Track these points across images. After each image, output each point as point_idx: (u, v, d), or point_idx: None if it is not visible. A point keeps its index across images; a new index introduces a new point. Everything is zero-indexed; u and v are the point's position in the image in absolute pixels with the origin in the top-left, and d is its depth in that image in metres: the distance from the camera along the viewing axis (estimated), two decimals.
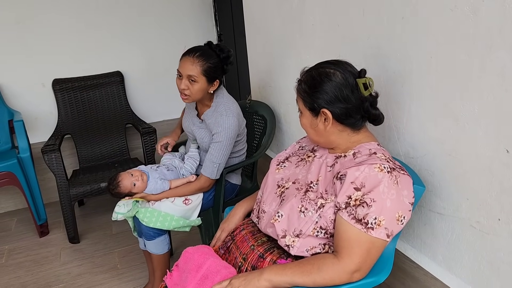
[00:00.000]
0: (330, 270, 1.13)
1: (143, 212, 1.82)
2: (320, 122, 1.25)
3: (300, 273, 1.15)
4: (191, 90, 1.84)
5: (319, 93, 1.22)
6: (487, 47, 1.07)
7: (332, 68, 1.23)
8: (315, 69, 1.27)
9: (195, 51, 1.83)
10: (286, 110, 2.33)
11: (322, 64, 1.28)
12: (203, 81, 1.84)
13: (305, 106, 1.27)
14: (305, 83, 1.26)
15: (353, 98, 1.21)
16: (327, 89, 1.21)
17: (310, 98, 1.24)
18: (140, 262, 2.36)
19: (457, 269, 1.34)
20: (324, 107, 1.22)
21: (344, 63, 1.26)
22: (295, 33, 2.04)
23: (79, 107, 3.00)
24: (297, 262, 1.19)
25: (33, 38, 2.93)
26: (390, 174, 1.13)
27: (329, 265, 1.14)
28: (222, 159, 1.89)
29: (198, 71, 1.81)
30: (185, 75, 1.82)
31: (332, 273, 1.13)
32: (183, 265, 1.36)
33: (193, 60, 1.81)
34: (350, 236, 1.12)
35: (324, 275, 1.13)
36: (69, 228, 2.60)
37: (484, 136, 1.14)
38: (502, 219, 1.15)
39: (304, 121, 1.31)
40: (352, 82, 1.21)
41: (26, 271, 2.39)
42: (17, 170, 2.57)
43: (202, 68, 1.81)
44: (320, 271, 1.14)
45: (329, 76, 1.21)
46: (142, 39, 3.23)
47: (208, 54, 1.84)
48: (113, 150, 3.03)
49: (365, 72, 1.24)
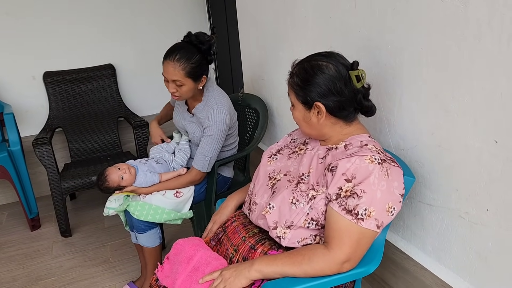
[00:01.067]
0: (320, 260, 1.14)
1: (134, 206, 1.81)
2: (313, 116, 1.25)
3: (291, 263, 1.15)
4: (180, 92, 1.82)
5: (312, 86, 1.21)
6: (476, 38, 1.08)
7: (324, 60, 1.22)
8: (307, 61, 1.26)
9: (174, 53, 1.76)
10: (278, 103, 2.33)
11: (314, 56, 1.27)
12: (189, 82, 1.80)
13: (297, 99, 1.26)
14: (297, 76, 1.25)
15: (346, 90, 1.21)
16: (320, 82, 1.20)
17: (302, 91, 1.23)
18: (132, 255, 2.35)
19: (446, 260, 1.36)
20: (318, 100, 1.21)
21: (336, 55, 1.25)
22: (287, 26, 2.04)
23: (71, 100, 2.98)
24: (288, 253, 1.19)
25: (23, 30, 2.90)
26: (381, 166, 1.14)
27: (319, 256, 1.14)
28: (213, 153, 1.88)
29: (181, 75, 1.77)
30: (170, 80, 1.79)
31: (323, 264, 1.13)
32: (174, 257, 1.36)
33: (174, 65, 1.75)
34: (340, 227, 1.13)
35: (314, 265, 1.14)
36: (61, 222, 2.58)
37: (473, 127, 1.15)
38: (490, 210, 1.16)
39: (296, 115, 1.30)
40: (345, 74, 1.21)
41: (18, 264, 2.38)
42: (7, 163, 2.55)
43: (185, 71, 1.76)
44: (310, 261, 1.14)
45: (322, 69, 1.21)
46: (134, 31, 3.20)
47: (188, 53, 1.78)
48: (105, 144, 3.02)
49: (357, 64, 1.24)
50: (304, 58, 1.29)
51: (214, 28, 3.37)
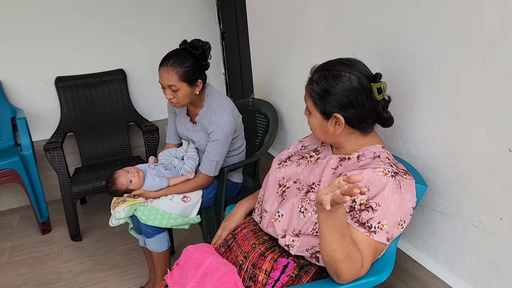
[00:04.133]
0: (354, 269, 1.08)
1: (141, 210, 1.82)
2: (330, 126, 1.22)
3: (345, 245, 1.05)
4: (177, 98, 1.83)
5: (333, 96, 1.18)
6: (490, 45, 1.06)
7: (347, 71, 1.18)
8: (328, 70, 1.21)
9: (168, 59, 1.81)
10: (288, 109, 2.32)
11: (335, 64, 1.22)
12: (185, 86, 1.82)
13: (315, 108, 1.23)
14: (317, 84, 1.21)
15: (367, 103, 1.19)
16: (342, 94, 1.17)
17: (322, 101, 1.20)
18: (141, 260, 2.35)
19: (458, 269, 1.34)
20: (337, 112, 1.18)
21: (359, 64, 1.21)
22: (298, 31, 2.04)
23: (82, 105, 3.00)
24: (351, 238, 1.07)
25: (36, 35, 2.93)
26: (394, 179, 1.13)
27: (357, 264, 1.08)
28: (219, 157, 1.88)
29: (175, 79, 1.79)
30: (165, 85, 1.81)
31: (354, 272, 1.08)
32: (184, 263, 1.36)
33: (168, 70, 1.79)
34: (359, 241, 1.10)
35: (350, 266, 1.06)
36: (71, 226, 2.60)
37: (486, 135, 1.14)
38: (504, 219, 1.14)
39: (313, 122, 1.27)
40: (367, 86, 1.18)
41: (28, 268, 2.40)
42: (19, 167, 2.57)
43: (178, 75, 1.79)
44: (351, 260, 1.06)
45: (344, 80, 1.17)
46: (145, 37, 3.22)
47: (181, 57, 1.81)
48: (115, 148, 3.03)
49: (380, 76, 1.21)
50: (325, 65, 1.24)
51: (224, 33, 3.37)
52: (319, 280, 1.21)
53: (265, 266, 1.24)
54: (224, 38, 3.40)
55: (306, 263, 1.24)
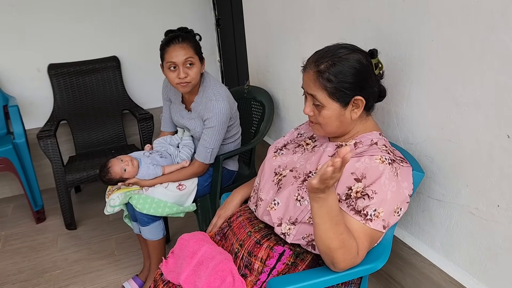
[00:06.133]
0: (349, 256, 1.07)
1: (136, 199, 1.80)
2: (348, 112, 1.19)
3: (336, 229, 1.03)
4: (191, 75, 1.81)
5: (349, 81, 1.15)
6: (489, 29, 1.05)
7: (352, 53, 1.17)
8: (333, 56, 1.17)
9: (176, 37, 1.80)
10: (284, 96, 2.30)
11: (333, 49, 1.19)
12: (198, 61, 1.84)
13: (332, 98, 1.17)
14: (329, 73, 1.16)
15: (375, 79, 1.21)
16: (356, 75, 1.16)
17: (338, 90, 1.16)
18: (137, 248, 2.35)
19: (455, 256, 1.34)
20: (358, 94, 1.17)
21: (352, 45, 1.21)
22: (294, 17, 2.01)
23: (75, 92, 2.96)
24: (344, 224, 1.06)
25: (28, 21, 2.87)
26: (391, 166, 1.12)
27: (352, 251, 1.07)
28: (215, 144, 1.87)
29: (192, 52, 1.81)
30: (181, 62, 1.78)
31: (349, 260, 1.07)
32: (179, 251, 1.35)
33: (182, 45, 1.79)
34: (355, 228, 1.09)
35: (344, 253, 1.06)
36: (66, 215, 2.58)
37: (484, 121, 1.12)
38: (501, 206, 1.13)
39: (328, 114, 1.20)
40: (371, 63, 1.20)
41: (23, 257, 2.38)
42: (12, 156, 2.54)
43: (193, 48, 1.82)
44: (345, 246, 1.06)
45: (353, 62, 1.15)
46: (139, 23, 3.17)
47: (186, 34, 1.84)
48: (109, 136, 3.00)
49: (377, 52, 1.23)
50: (324, 53, 1.19)
51: (219, 19, 3.33)
52: (315, 268, 1.20)
53: (260, 254, 1.23)
54: (219, 25, 3.36)
55: (302, 251, 1.23)
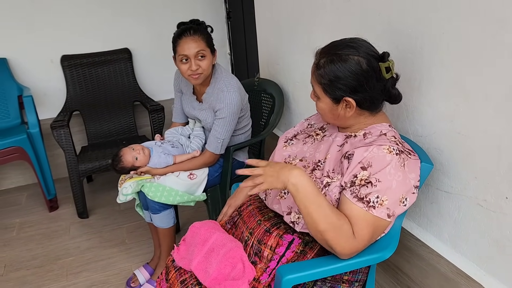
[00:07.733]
0: (343, 239, 1.10)
1: (148, 187, 1.83)
2: (341, 109, 1.21)
3: (323, 213, 1.10)
4: (203, 67, 1.83)
5: (343, 81, 1.15)
6: (500, 22, 1.05)
7: (355, 54, 1.15)
8: (334, 54, 1.17)
9: (188, 30, 1.82)
10: (294, 88, 2.31)
11: (340, 47, 1.18)
12: (209, 53, 1.85)
13: (325, 93, 1.20)
14: (324, 69, 1.17)
15: (377, 85, 1.17)
16: (351, 78, 1.14)
17: (331, 87, 1.17)
18: (147, 237, 2.39)
19: (462, 247, 1.35)
20: (348, 96, 1.17)
21: (364, 45, 1.18)
22: (304, 9, 2.01)
23: (87, 83, 3.00)
24: (329, 205, 1.12)
25: (42, 13, 2.91)
26: (399, 157, 1.13)
27: (345, 233, 1.10)
28: (226, 135, 1.89)
29: (203, 45, 1.82)
30: (193, 54, 1.80)
31: (344, 243, 1.10)
32: (190, 239, 1.38)
33: (194, 38, 1.81)
34: (354, 215, 1.12)
35: (337, 236, 1.10)
36: (78, 203, 2.63)
37: (494, 113, 1.13)
38: (509, 197, 1.14)
39: (322, 106, 1.24)
40: (376, 67, 1.16)
41: (37, 244, 2.44)
42: (26, 145, 2.59)
43: (205, 40, 1.83)
44: (336, 230, 1.10)
45: (353, 64, 1.14)
46: (150, 16, 3.19)
47: (199, 26, 1.85)
48: (121, 127, 3.04)
49: (388, 55, 1.18)
50: (330, 49, 1.20)
51: (230, 12, 3.34)
52: (323, 256, 1.22)
53: (270, 242, 1.25)
54: (229, 18, 3.37)
55: (311, 239, 1.25)
